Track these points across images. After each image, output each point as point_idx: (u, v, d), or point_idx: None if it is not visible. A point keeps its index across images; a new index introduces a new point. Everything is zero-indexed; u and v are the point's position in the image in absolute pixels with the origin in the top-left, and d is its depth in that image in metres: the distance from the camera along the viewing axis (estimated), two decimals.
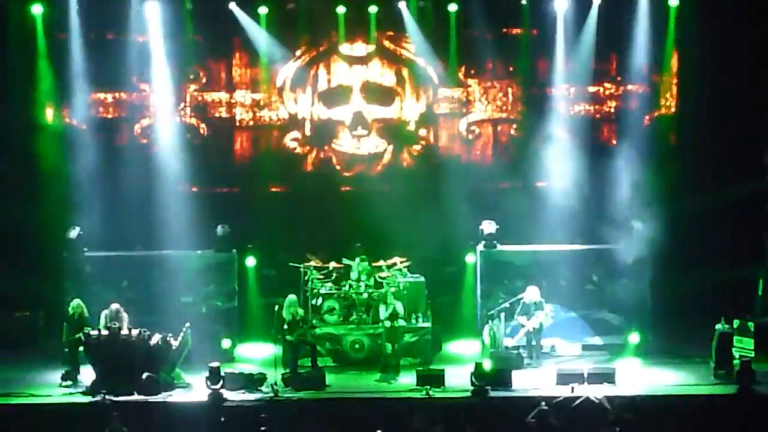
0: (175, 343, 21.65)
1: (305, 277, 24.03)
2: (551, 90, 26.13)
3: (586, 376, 21.21)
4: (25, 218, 24.67)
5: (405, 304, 23.43)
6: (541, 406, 19.63)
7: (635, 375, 22.18)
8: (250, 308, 24.96)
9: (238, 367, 22.46)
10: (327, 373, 22.03)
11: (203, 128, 26.39)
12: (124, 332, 21.65)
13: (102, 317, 22.11)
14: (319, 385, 21.67)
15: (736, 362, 21.76)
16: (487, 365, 21.44)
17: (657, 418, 20.07)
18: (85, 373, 21.81)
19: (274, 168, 26.51)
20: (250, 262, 24.96)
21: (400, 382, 21.98)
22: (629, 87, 26.21)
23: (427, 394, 21.00)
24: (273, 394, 21.11)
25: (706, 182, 25.17)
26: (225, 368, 21.52)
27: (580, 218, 25.01)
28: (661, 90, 26.02)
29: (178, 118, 26.19)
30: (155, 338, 21.55)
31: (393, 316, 22.99)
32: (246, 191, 26.46)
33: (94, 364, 21.49)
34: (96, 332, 21.63)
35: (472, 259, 24.87)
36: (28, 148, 25.15)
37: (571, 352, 24.12)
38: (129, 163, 25.75)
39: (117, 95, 26.18)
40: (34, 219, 24.73)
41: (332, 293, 24.00)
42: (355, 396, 21.20)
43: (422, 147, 26.56)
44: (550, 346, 24.01)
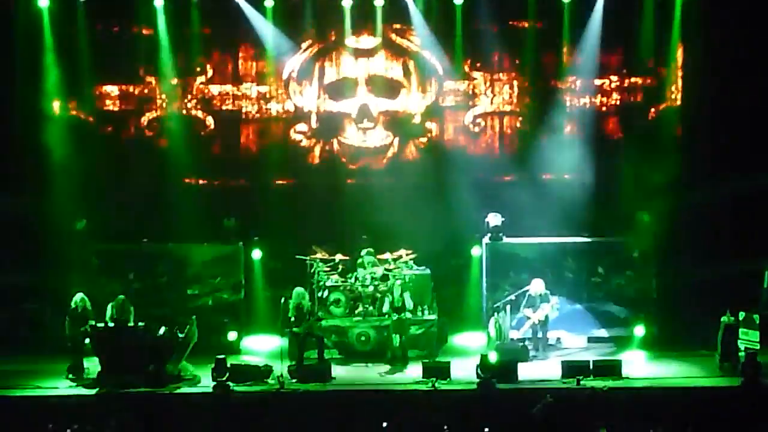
0: (181, 336, 21.71)
1: (311, 270, 24.06)
2: (557, 83, 26.11)
3: (591, 368, 21.29)
4: (32, 210, 24.68)
5: (412, 297, 23.52)
6: (546, 398, 19.63)
7: (640, 367, 22.22)
8: (257, 300, 25.01)
9: (245, 359, 22.52)
10: (333, 365, 22.09)
11: (209, 121, 26.39)
12: (131, 324, 21.74)
13: (108, 309, 22.18)
14: (325, 377, 21.73)
15: (742, 354, 21.80)
16: (493, 357, 21.49)
17: (662, 409, 20.09)
18: (91, 365, 21.89)
19: (281, 161, 26.43)
20: (256, 254, 24.98)
21: (406, 375, 22.02)
22: (635, 80, 26.16)
23: (433, 386, 21.05)
24: (279, 386, 21.17)
25: (712, 174, 25.13)
26: (231, 360, 21.59)
27: (586, 211, 25.01)
28: (666, 83, 25.99)
29: (185, 111, 26.22)
30: (161, 330, 21.62)
31: (399, 309, 23.06)
32: (252, 184, 26.39)
33: (100, 357, 21.56)
34: (102, 324, 21.72)
35: (478, 251, 24.89)
36: (35, 140, 25.12)
37: (577, 344, 24.17)
38: (136, 156, 25.82)
39: (124, 88, 26.16)
40: (40, 211, 24.74)
41: (338, 285, 24.04)
42: (361, 388, 21.25)
43: (428, 140, 26.50)
44: (555, 339, 24.08)
